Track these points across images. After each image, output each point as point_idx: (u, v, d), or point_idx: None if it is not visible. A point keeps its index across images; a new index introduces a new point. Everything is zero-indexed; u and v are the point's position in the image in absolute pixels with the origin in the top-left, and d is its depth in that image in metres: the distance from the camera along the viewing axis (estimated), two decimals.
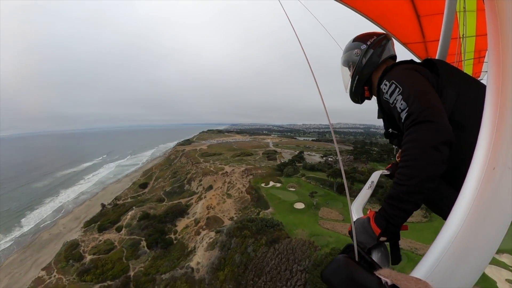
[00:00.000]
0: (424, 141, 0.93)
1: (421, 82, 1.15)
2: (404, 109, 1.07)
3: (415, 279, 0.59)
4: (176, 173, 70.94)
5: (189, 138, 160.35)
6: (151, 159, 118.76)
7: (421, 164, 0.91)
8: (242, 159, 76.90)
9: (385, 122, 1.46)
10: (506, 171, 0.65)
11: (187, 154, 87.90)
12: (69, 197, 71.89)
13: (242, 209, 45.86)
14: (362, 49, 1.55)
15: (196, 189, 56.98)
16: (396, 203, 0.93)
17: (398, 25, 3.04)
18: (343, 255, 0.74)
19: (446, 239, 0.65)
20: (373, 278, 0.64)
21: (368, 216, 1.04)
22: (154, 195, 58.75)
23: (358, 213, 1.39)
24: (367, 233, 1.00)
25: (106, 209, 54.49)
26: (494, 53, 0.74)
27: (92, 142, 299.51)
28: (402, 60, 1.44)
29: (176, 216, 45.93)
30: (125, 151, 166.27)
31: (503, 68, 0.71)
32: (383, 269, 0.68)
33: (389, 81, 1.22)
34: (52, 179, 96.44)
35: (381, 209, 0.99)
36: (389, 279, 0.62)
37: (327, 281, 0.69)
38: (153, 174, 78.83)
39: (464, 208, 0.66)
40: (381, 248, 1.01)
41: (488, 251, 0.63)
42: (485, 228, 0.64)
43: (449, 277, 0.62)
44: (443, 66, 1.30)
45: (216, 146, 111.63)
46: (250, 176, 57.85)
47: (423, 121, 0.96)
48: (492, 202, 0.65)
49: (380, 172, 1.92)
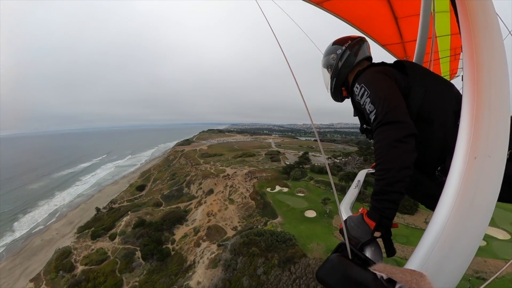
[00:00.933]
0: (390, 138, 1.05)
1: (387, 85, 1.26)
2: (372, 111, 1.19)
3: (410, 271, 0.61)
4: (175, 175, 67.43)
5: (188, 138, 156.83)
6: (150, 160, 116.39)
7: (392, 156, 1.02)
8: (244, 160, 72.96)
9: (360, 119, 1.56)
10: (487, 159, 0.70)
11: (186, 155, 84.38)
12: (64, 200, 69.98)
13: (246, 217, 41.80)
14: (338, 53, 1.66)
15: (196, 193, 53.41)
16: (382, 196, 1.01)
17: (377, 28, 3.18)
18: (336, 254, 0.76)
19: (437, 228, 0.68)
20: (368, 274, 0.66)
21: (361, 213, 1.10)
22: (151, 198, 55.53)
23: (347, 212, 1.44)
24: (361, 228, 1.05)
25: (100, 214, 51.76)
26: (468, 49, 0.81)
27: (91, 142, 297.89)
28: (374, 63, 1.57)
29: (174, 223, 42.46)
30: (124, 151, 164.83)
31: (477, 63, 0.78)
32: (378, 264, 0.70)
33: (359, 85, 1.33)
34: (48, 180, 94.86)
35: (371, 206, 1.06)
36: (384, 274, 0.63)
37: (323, 281, 0.70)
38: (151, 175, 75.98)
39: (451, 197, 0.70)
40: (373, 244, 1.02)
41: (477, 236, 0.67)
42: (472, 214, 0.67)
43: (443, 265, 0.65)
44: (412, 67, 1.40)
45: (217, 146, 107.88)
46: (254, 179, 53.61)
47: (386, 122, 1.09)
48: (477, 190, 0.69)
49: (366, 170, 2.08)
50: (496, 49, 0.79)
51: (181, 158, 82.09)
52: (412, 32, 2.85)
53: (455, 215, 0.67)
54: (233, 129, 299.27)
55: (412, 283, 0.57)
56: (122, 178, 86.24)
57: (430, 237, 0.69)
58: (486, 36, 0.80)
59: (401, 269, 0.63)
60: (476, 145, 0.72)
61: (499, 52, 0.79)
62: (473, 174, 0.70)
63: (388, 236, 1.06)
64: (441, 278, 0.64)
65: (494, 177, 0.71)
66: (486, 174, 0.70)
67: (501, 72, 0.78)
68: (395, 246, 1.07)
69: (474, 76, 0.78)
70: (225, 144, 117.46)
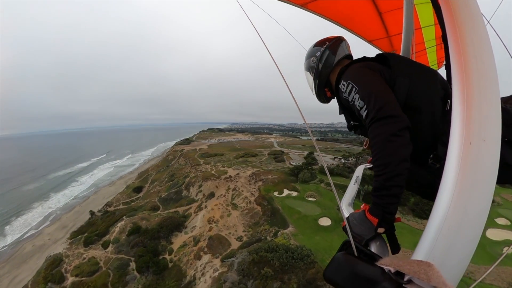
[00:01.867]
0: (386, 133, 1.05)
1: (374, 79, 1.27)
2: (363, 107, 1.19)
3: (417, 261, 0.61)
4: (174, 176, 63.89)
5: (188, 137, 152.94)
6: (149, 159, 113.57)
7: (389, 151, 1.03)
8: (247, 160, 68.93)
9: (346, 116, 1.56)
10: (482, 143, 0.71)
11: (186, 155, 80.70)
12: (59, 202, 68.08)
13: (252, 225, 37.68)
14: (317, 56, 1.68)
15: (196, 196, 49.64)
16: (383, 192, 1.01)
17: (362, 25, 3.20)
18: (342, 253, 0.76)
19: (439, 216, 0.69)
20: (375, 269, 0.66)
21: (363, 210, 1.09)
22: (148, 201, 52.24)
23: (348, 209, 1.43)
24: (364, 225, 1.04)
25: (94, 218, 48.96)
26: (452, 35, 0.82)
27: (91, 141, 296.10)
28: (355, 59, 1.56)
29: (172, 231, 38.88)
30: (122, 151, 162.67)
31: (463, 48, 0.79)
32: (384, 258, 0.71)
33: (346, 81, 1.33)
34: (45, 181, 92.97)
35: (373, 203, 1.05)
36: (391, 267, 0.64)
37: (331, 281, 0.71)
38: (149, 176, 73.00)
39: (450, 184, 0.70)
40: (378, 239, 1.02)
41: (479, 221, 0.67)
42: (473, 199, 0.68)
43: (449, 252, 0.65)
44: (394, 58, 1.39)
45: (217, 145, 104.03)
46: (259, 182, 48.96)
47: (380, 118, 1.09)
48: (475, 175, 0.69)
49: (363, 166, 2.04)
50: (480, 33, 0.79)
51: (180, 158, 78.56)
52: (397, 26, 2.99)
53: (456, 201, 0.67)
54: (233, 129, 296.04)
55: (421, 273, 0.58)
56: (119, 179, 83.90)
57: (433, 225, 0.69)
58: (469, 22, 0.81)
59: (408, 261, 0.63)
60: (470, 131, 0.72)
61: (483, 37, 0.79)
62: (470, 160, 0.70)
63: (392, 232, 1.06)
64: (448, 266, 0.65)
65: (491, 161, 0.71)
66: (483, 158, 0.70)
67: (487, 55, 0.78)
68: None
69: (462, 62, 0.78)
70: (226, 143, 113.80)
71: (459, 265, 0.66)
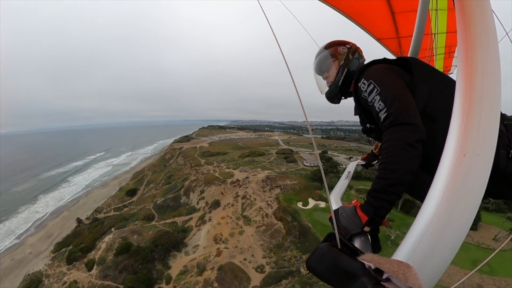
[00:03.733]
0: (402, 140, 1.05)
1: (397, 82, 1.25)
2: (383, 109, 1.17)
3: (397, 262, 0.63)
4: (171, 177, 57.37)
5: (187, 135, 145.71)
6: (145, 158, 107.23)
7: (400, 159, 1.03)
8: (254, 160, 61.37)
9: (362, 118, 1.53)
10: (475, 157, 0.72)
11: (185, 153, 73.61)
12: (47, 206, 62.70)
13: (274, 248, 29.33)
14: (347, 47, 1.63)
15: (197, 203, 42.20)
16: (381, 195, 1.02)
17: (373, 22, 3.20)
18: (326, 244, 0.78)
19: (424, 221, 0.70)
20: (356, 263, 0.69)
21: (354, 205, 1.10)
22: (142, 208, 45.74)
23: (337, 202, 1.47)
24: (352, 220, 1.06)
25: (81, 227, 43.14)
26: (463, 49, 0.83)
27: (90, 139, 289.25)
28: (375, 59, 1.50)
29: (169, 250, 31.79)
30: (120, 148, 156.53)
31: (471, 62, 0.80)
32: (366, 254, 0.73)
33: (367, 80, 1.30)
34: (35, 181, 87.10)
35: (367, 201, 1.06)
36: (372, 264, 0.66)
37: (312, 270, 0.74)
38: (145, 177, 66.87)
39: (439, 192, 0.72)
40: (363, 235, 1.04)
41: (461, 231, 0.69)
42: (459, 210, 0.69)
43: (429, 257, 0.67)
44: (416, 63, 1.37)
45: (219, 143, 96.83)
46: (276, 188, 39.85)
47: (400, 123, 1.09)
48: (464, 186, 0.71)
49: (356, 162, 2.10)
50: (491, 50, 0.80)
51: (179, 157, 71.78)
52: (408, 28, 2.92)
53: (442, 209, 0.69)
54: (233, 126, 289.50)
55: (399, 273, 0.59)
56: (113, 180, 78.27)
57: (417, 229, 0.70)
58: (482, 37, 0.81)
59: (388, 260, 0.65)
60: (466, 143, 0.74)
61: (494, 54, 0.80)
62: (461, 171, 0.72)
63: (376, 233, 1.09)
64: (426, 269, 0.67)
65: (481, 175, 0.73)
66: (474, 172, 0.72)
67: (494, 73, 0.79)
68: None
69: (468, 76, 0.79)
70: (228, 141, 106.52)
71: (437, 271, 0.68)
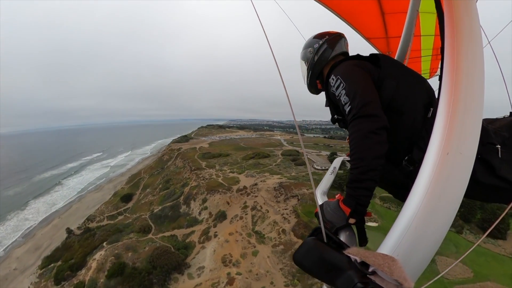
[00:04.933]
0: (365, 129, 1.11)
1: (362, 78, 1.31)
2: (347, 103, 1.24)
3: (382, 255, 0.65)
4: (169, 182, 52.93)
5: (186, 134, 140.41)
6: (142, 159, 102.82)
7: (366, 146, 1.09)
8: (259, 163, 56.27)
9: (331, 109, 1.61)
10: (458, 156, 0.76)
11: (183, 155, 68.99)
12: (38, 212, 59.07)
13: (297, 273, 23.78)
14: (315, 47, 1.71)
15: (199, 214, 37.35)
16: (357, 184, 1.06)
17: (363, 21, 3.23)
18: (312, 238, 0.79)
19: (408, 216, 0.73)
20: (342, 257, 0.70)
21: (338, 199, 1.14)
22: (138, 218, 41.43)
23: (322, 197, 1.49)
24: (336, 213, 1.09)
25: (72, 239, 39.32)
26: (450, 52, 0.87)
27: (88, 138, 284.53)
28: (349, 56, 1.64)
29: (169, 272, 27.39)
30: (117, 148, 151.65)
31: (457, 65, 0.83)
32: (351, 248, 0.75)
33: (335, 76, 1.37)
34: (28, 184, 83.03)
35: (346, 194, 1.11)
36: (358, 257, 0.68)
37: (299, 264, 0.75)
38: (141, 180, 62.76)
39: (422, 188, 0.75)
40: (348, 229, 1.06)
41: (444, 226, 0.73)
42: (441, 206, 0.72)
43: (413, 250, 0.70)
44: (385, 60, 1.45)
45: (220, 143, 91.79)
46: (292, 198, 34.60)
47: (362, 115, 1.14)
48: (447, 183, 0.74)
49: (341, 158, 2.14)
50: (476, 54, 0.84)
51: (177, 159, 67.31)
52: (397, 28, 2.96)
53: (425, 205, 0.71)
54: (232, 125, 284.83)
55: (384, 266, 0.61)
56: (108, 183, 74.19)
57: (401, 224, 0.73)
58: (468, 41, 0.85)
59: (374, 253, 0.66)
60: (449, 142, 0.77)
61: (479, 58, 0.84)
62: (444, 169, 0.74)
63: (361, 225, 1.13)
64: (411, 262, 0.70)
65: (463, 173, 0.76)
66: (456, 170, 0.75)
67: (479, 76, 0.83)
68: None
69: (453, 77, 0.82)
70: (229, 141, 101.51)
71: (421, 263, 0.71)
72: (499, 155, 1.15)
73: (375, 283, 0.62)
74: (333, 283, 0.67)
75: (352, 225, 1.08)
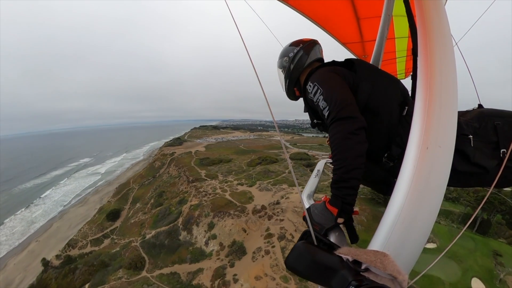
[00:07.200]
0: (344, 131, 1.16)
1: (337, 83, 1.37)
2: (325, 108, 1.29)
3: (373, 252, 0.67)
4: (162, 195, 44.93)
5: (179, 136, 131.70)
6: (132, 165, 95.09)
7: (347, 147, 1.13)
8: (268, 170, 46.97)
9: (310, 114, 1.67)
10: (437, 149, 0.79)
11: (178, 161, 60.74)
12: (13, 233, 51.15)
13: None
14: (290, 56, 1.75)
15: (205, 245, 28.36)
16: (342, 184, 1.09)
17: (339, 26, 3.25)
18: (302, 242, 0.80)
19: (395, 211, 0.75)
20: (334, 257, 0.71)
21: (324, 201, 1.17)
22: (127, 245, 33.80)
23: (309, 200, 1.51)
24: (324, 214, 1.11)
25: (49, 273, 31.92)
26: (423, 52, 0.91)
27: (77, 142, 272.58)
28: (324, 63, 1.70)
29: None
30: (107, 153, 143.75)
31: (431, 63, 0.88)
32: (342, 248, 0.76)
33: (312, 83, 1.43)
34: (7, 197, 74.81)
35: (332, 195, 1.13)
36: (349, 256, 0.69)
37: (292, 269, 0.75)
38: (130, 191, 55.27)
39: (406, 183, 0.77)
40: (337, 230, 1.08)
41: (431, 216, 0.75)
42: (426, 198, 0.75)
43: (403, 243, 0.72)
44: (360, 64, 1.51)
45: (217, 146, 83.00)
46: None
47: (340, 118, 1.20)
48: (429, 176, 0.77)
49: (324, 161, 2.14)
50: (447, 53, 0.89)
51: (171, 166, 59.19)
52: (372, 33, 3.06)
53: (410, 198, 0.74)
54: (225, 125, 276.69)
55: (377, 262, 0.63)
56: (94, 194, 66.72)
57: (389, 219, 0.75)
58: (440, 41, 0.90)
59: (365, 251, 0.68)
60: (428, 137, 0.80)
61: (450, 56, 0.89)
62: (425, 163, 0.77)
63: (350, 223, 1.15)
64: (402, 256, 0.71)
65: (444, 165, 0.79)
66: (437, 163, 0.78)
67: (451, 71, 0.87)
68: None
69: (428, 76, 0.87)
70: (227, 143, 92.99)
71: (412, 256, 0.73)
72: (472, 145, 1.24)
73: (369, 279, 0.62)
74: (328, 284, 0.67)
75: (341, 224, 1.10)
